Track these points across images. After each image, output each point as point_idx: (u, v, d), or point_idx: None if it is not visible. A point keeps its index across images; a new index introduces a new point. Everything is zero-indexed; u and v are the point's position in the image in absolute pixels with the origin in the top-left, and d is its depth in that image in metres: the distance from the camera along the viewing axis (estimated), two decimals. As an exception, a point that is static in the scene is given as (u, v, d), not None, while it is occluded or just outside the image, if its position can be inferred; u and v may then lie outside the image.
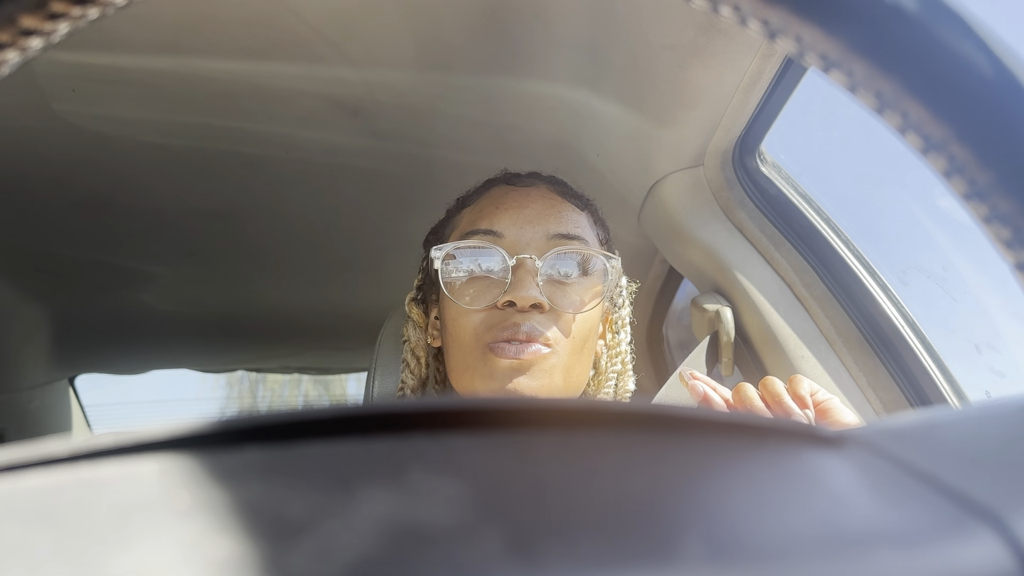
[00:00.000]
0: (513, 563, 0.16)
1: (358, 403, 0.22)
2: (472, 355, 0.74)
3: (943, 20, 0.22)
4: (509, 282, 0.74)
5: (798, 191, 1.04)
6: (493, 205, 0.80)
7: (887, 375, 0.95)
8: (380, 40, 0.97)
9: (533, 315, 0.74)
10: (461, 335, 0.76)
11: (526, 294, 0.72)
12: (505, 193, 0.82)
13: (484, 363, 0.73)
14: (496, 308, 0.74)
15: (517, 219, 0.78)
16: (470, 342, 0.75)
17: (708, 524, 0.18)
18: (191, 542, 0.16)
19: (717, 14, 0.24)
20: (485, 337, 0.74)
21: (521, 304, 0.73)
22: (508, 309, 0.74)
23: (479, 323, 0.75)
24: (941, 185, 0.24)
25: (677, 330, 1.64)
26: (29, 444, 0.20)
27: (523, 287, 0.73)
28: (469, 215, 0.82)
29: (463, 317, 0.75)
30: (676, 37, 0.83)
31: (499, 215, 0.79)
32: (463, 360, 0.76)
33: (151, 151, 1.24)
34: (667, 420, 0.23)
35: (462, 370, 0.76)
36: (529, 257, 0.75)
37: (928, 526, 0.19)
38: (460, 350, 0.76)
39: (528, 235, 0.77)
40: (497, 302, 0.74)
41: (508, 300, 0.73)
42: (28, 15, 0.22)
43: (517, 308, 0.73)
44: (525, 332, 0.73)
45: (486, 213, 0.80)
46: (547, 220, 0.78)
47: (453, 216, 0.86)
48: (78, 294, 1.89)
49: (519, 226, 0.77)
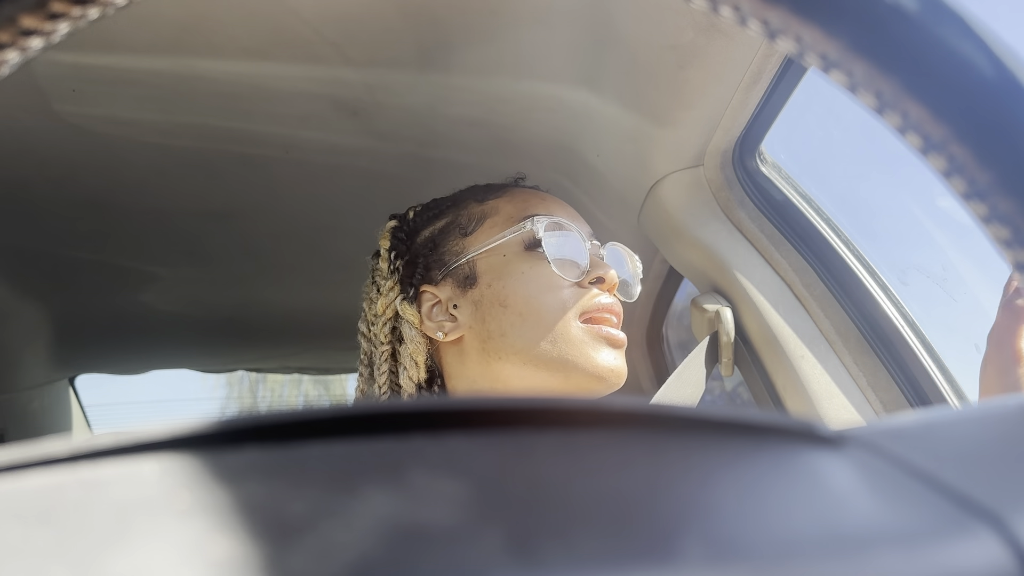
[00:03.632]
0: (513, 563, 0.16)
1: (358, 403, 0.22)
2: (565, 329, 0.75)
3: (943, 20, 0.22)
4: (587, 263, 0.77)
5: (798, 191, 1.04)
6: (538, 198, 0.83)
7: (887, 375, 0.95)
8: (380, 40, 0.97)
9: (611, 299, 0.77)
10: (545, 310, 0.75)
11: (612, 272, 0.76)
12: (538, 192, 0.85)
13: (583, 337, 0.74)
14: (579, 286, 0.76)
15: (567, 213, 0.82)
16: (558, 315, 0.75)
17: (708, 524, 0.18)
18: (192, 542, 0.16)
19: (717, 14, 0.24)
20: (578, 310, 0.75)
21: (611, 282, 0.76)
22: (591, 288, 0.76)
23: (568, 297, 0.76)
24: (941, 185, 0.24)
25: (677, 330, 1.64)
26: (29, 444, 0.20)
27: (606, 266, 0.77)
28: (508, 205, 0.82)
29: (548, 292, 0.76)
30: (676, 37, 0.83)
31: (552, 206, 0.82)
32: (547, 335, 0.75)
33: (151, 151, 1.24)
34: (667, 420, 0.23)
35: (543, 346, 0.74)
36: (596, 243, 0.80)
37: (928, 526, 0.19)
38: (540, 325, 0.75)
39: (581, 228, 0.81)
40: (582, 280, 0.76)
41: (598, 275, 0.76)
42: (28, 15, 0.22)
43: (605, 286, 0.76)
44: (618, 312, 0.76)
45: (533, 204, 0.82)
46: (582, 222, 0.83)
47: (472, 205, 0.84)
48: (78, 294, 1.89)
49: (572, 219, 0.81)
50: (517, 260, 0.78)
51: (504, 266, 0.78)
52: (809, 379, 0.94)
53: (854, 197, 1.21)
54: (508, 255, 0.78)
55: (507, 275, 0.77)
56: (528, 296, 0.76)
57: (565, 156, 1.20)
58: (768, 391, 1.02)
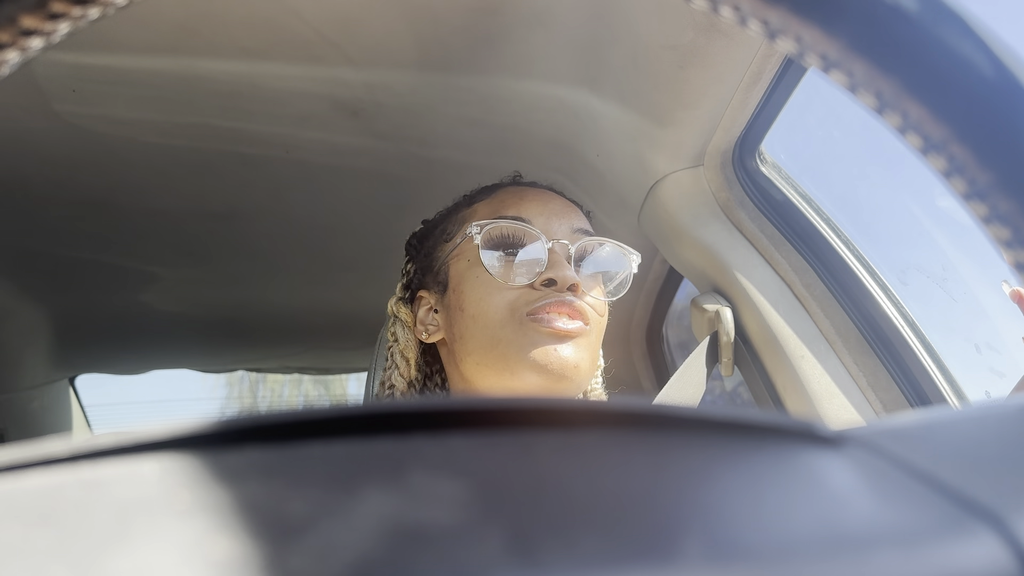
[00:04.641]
0: (513, 563, 0.16)
1: (358, 403, 0.22)
2: (506, 328, 0.74)
3: (943, 20, 0.22)
4: (545, 263, 0.76)
5: (798, 191, 1.04)
6: (515, 197, 0.82)
7: (887, 375, 0.95)
8: (380, 40, 0.97)
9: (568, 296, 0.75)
10: (492, 312, 0.75)
11: (567, 273, 0.75)
12: (523, 189, 0.84)
13: (522, 333, 0.74)
14: (531, 288, 0.76)
15: (543, 210, 0.81)
16: (504, 317, 0.75)
17: (708, 524, 0.18)
18: (191, 542, 0.16)
19: (717, 14, 0.24)
20: (524, 309, 0.74)
21: (562, 283, 0.75)
22: (544, 289, 0.75)
23: (515, 298, 0.75)
24: (941, 185, 0.24)
25: (677, 330, 1.63)
26: (29, 444, 0.20)
27: (562, 267, 0.75)
28: (485, 208, 0.83)
29: (497, 294, 0.76)
30: (676, 37, 0.83)
31: (525, 205, 0.81)
32: (491, 336, 0.75)
33: (151, 151, 1.24)
34: (667, 420, 0.23)
35: (488, 348, 0.75)
36: (564, 242, 0.78)
37: (928, 526, 0.19)
38: (487, 327, 0.75)
39: (555, 226, 0.80)
40: (534, 282, 0.75)
41: (549, 278, 0.75)
42: (28, 15, 0.22)
43: (556, 287, 0.75)
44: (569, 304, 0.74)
45: (509, 204, 0.81)
46: (570, 215, 0.82)
47: (462, 210, 0.86)
48: (78, 294, 1.89)
49: (547, 216, 0.80)
50: (475, 264, 0.78)
51: (466, 271, 0.79)
52: (809, 379, 0.94)
53: (854, 197, 1.21)
54: (471, 260, 0.79)
55: (466, 279, 0.78)
56: (478, 299, 0.77)
57: (565, 156, 1.20)
58: (768, 391, 1.02)
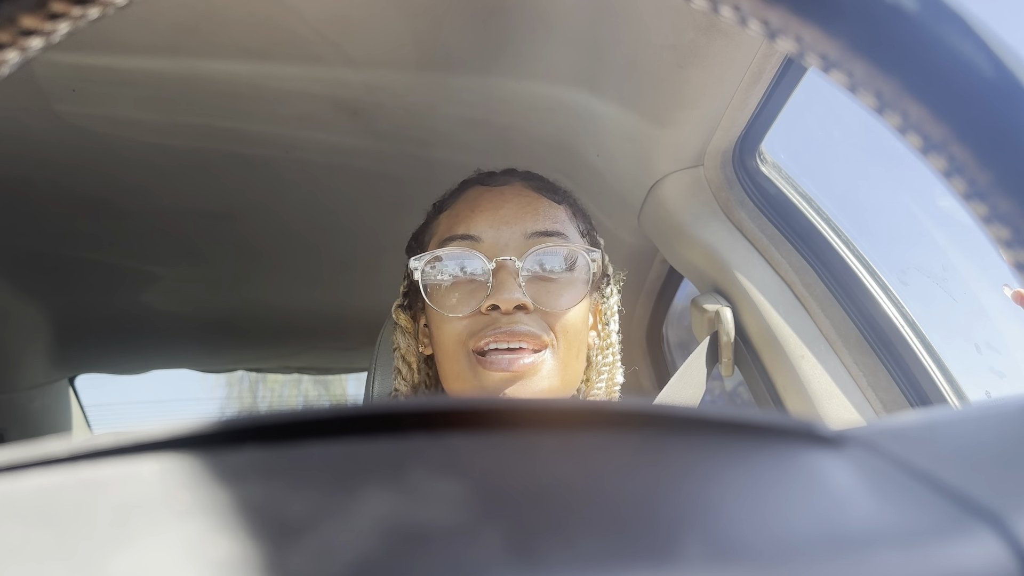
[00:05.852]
0: (513, 563, 0.16)
1: (358, 403, 0.22)
2: (459, 363, 0.74)
3: (943, 20, 0.22)
4: (491, 285, 0.73)
5: (798, 191, 1.04)
6: (468, 208, 0.79)
7: (887, 375, 0.95)
8: (380, 40, 0.97)
9: (518, 316, 0.73)
10: (446, 343, 0.75)
11: (509, 296, 0.72)
12: (480, 195, 0.80)
13: (474, 374, 0.73)
14: (480, 313, 0.73)
15: (494, 220, 0.77)
16: (455, 349, 0.74)
17: (708, 524, 0.18)
18: (192, 542, 0.16)
19: (717, 14, 0.24)
20: (470, 344, 0.73)
21: (505, 307, 0.72)
22: (493, 313, 0.73)
23: (463, 329, 0.74)
24: (941, 185, 0.24)
25: (677, 330, 1.64)
26: (29, 444, 0.20)
27: (505, 290, 0.72)
28: (446, 220, 0.81)
29: (447, 324, 0.74)
30: (676, 37, 0.83)
31: (475, 218, 0.77)
32: (452, 368, 0.75)
33: (151, 151, 1.24)
34: (667, 420, 0.23)
35: (453, 378, 0.75)
36: (509, 259, 0.74)
37: (928, 526, 0.19)
38: (447, 358, 0.75)
39: (506, 236, 0.76)
40: (481, 307, 0.73)
41: (491, 304, 0.72)
42: (28, 15, 0.22)
43: (501, 311, 0.72)
44: (507, 331, 0.72)
45: (462, 217, 0.78)
46: (524, 219, 0.77)
47: (431, 222, 0.84)
48: (78, 294, 1.89)
49: (496, 227, 0.76)
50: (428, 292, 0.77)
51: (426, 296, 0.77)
52: (809, 379, 0.94)
53: (854, 197, 1.21)
54: None
55: (427, 305, 0.77)
56: (436, 327, 0.77)
57: (565, 156, 1.20)
58: (768, 391, 1.02)
